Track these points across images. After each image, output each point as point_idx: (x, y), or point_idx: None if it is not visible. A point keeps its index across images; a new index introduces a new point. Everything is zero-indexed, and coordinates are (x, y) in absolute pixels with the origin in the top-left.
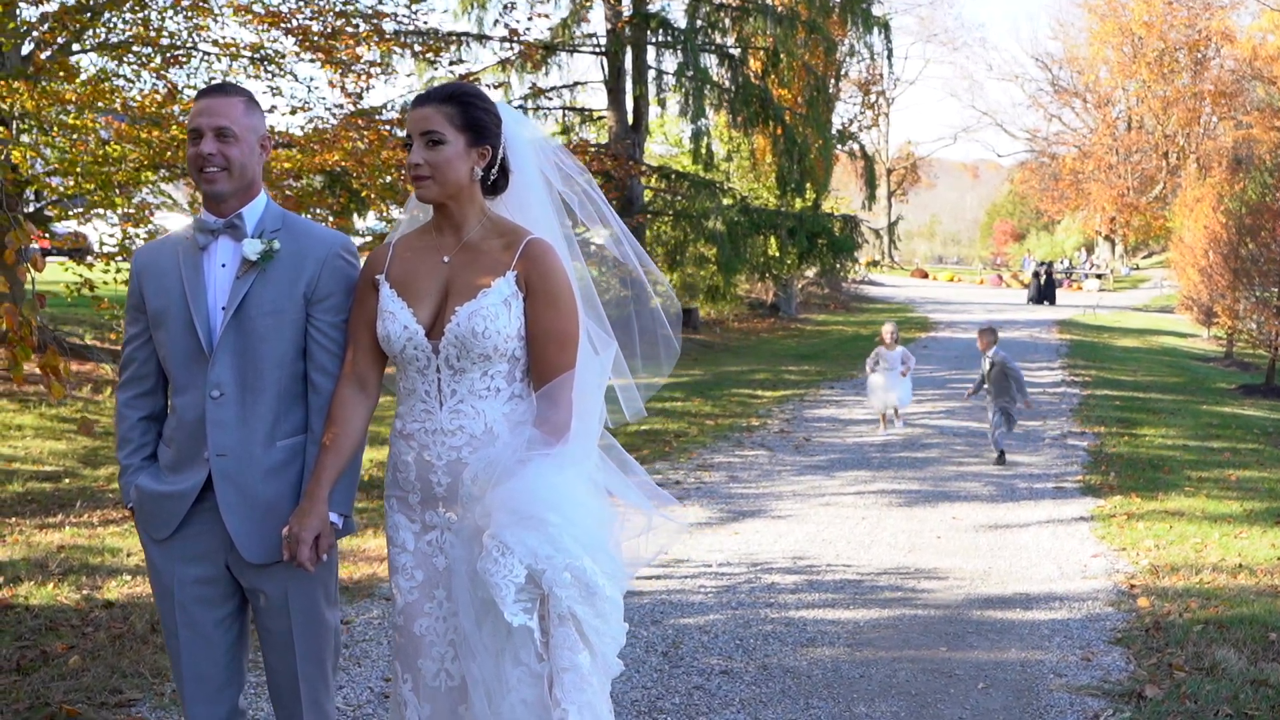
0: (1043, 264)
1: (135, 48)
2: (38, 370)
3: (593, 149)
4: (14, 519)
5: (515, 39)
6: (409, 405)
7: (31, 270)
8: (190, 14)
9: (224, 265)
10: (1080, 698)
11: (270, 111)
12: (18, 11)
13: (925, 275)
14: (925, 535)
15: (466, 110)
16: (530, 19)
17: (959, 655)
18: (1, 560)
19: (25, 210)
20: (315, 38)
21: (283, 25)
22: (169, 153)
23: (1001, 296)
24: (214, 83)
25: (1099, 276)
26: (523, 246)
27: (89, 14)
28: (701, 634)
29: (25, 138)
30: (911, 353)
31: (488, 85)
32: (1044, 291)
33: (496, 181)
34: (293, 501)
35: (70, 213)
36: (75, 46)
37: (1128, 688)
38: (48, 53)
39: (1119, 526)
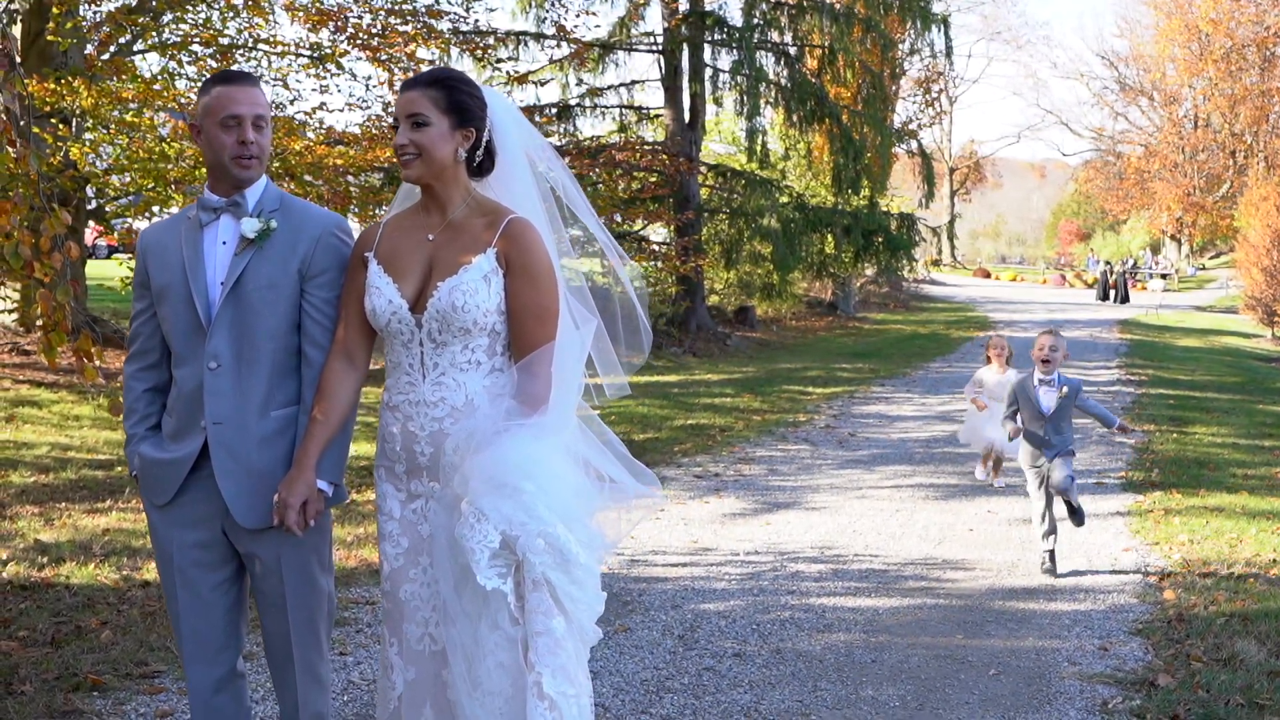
0: (1108, 263)
1: (193, 47)
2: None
3: (648, 146)
4: (64, 504)
5: (563, 35)
6: (395, 378)
7: (67, 257)
8: (247, 14)
9: (224, 243)
10: (1091, 685)
11: (320, 109)
12: (79, 10)
13: (988, 275)
14: (958, 528)
15: (451, 94)
16: (578, 17)
17: (975, 643)
18: (48, 542)
19: (88, 207)
20: (364, 35)
21: (333, 23)
22: None
23: (1063, 296)
24: (228, 69)
25: (1164, 276)
26: (504, 225)
27: (149, 15)
28: (719, 619)
29: (89, 135)
30: (973, 358)
31: (539, 83)
32: (1119, 290)
33: (482, 163)
34: (286, 469)
35: (128, 209)
36: (138, 46)
37: (1141, 676)
38: (108, 53)
39: (1155, 521)
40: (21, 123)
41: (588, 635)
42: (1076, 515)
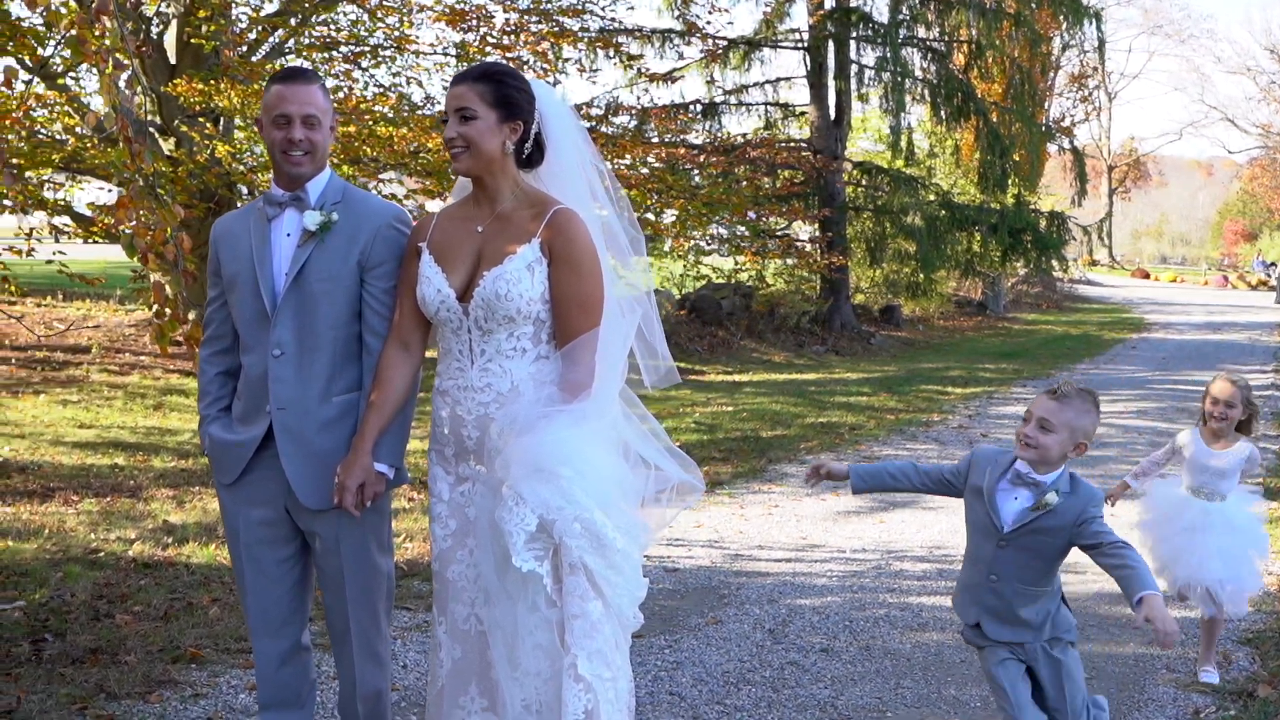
0: (1274, 264)
1: (341, 49)
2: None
3: (791, 143)
4: (198, 488)
5: (694, 31)
6: (445, 364)
7: (180, 248)
8: (394, 16)
9: (289, 235)
10: (1186, 694)
11: None
12: (228, 15)
13: (1147, 275)
14: None
15: (498, 87)
16: (711, 13)
17: None
18: (175, 523)
19: (238, 205)
20: (497, 35)
21: (464, 23)
22: (365, 147)
23: (1225, 298)
24: (289, 67)
25: None
26: (549, 215)
27: (298, 18)
28: (813, 614)
29: (240, 134)
30: (1123, 359)
31: (671, 78)
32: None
33: (531, 155)
34: (347, 452)
35: None
36: (288, 46)
37: (1241, 687)
38: (258, 55)
39: None
40: (152, 119)
41: (627, 620)
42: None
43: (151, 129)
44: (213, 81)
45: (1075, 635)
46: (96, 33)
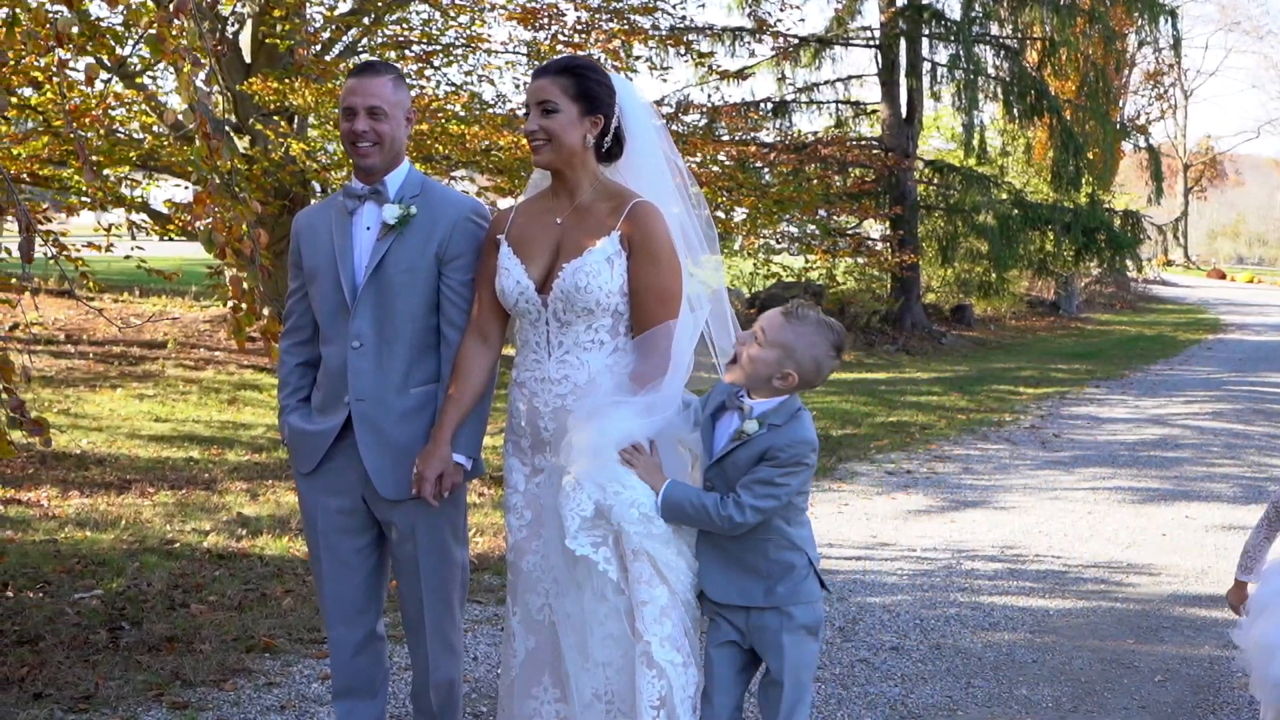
0: None
1: (415, 48)
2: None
3: (862, 141)
4: (271, 481)
5: (764, 29)
6: (523, 356)
7: (256, 243)
8: (466, 15)
9: (369, 228)
10: None
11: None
12: (303, 14)
13: (1223, 275)
14: (1150, 532)
15: (580, 81)
16: (782, 10)
17: (1145, 648)
18: (249, 515)
19: (313, 201)
20: (568, 33)
21: (536, 20)
22: (437, 145)
23: None
24: (364, 61)
25: None
26: (628, 209)
27: (372, 17)
28: (883, 612)
29: (314, 133)
30: (1198, 360)
31: (741, 75)
32: None
33: (611, 149)
34: (425, 443)
35: None
36: (362, 45)
37: None
38: (331, 53)
39: None
40: (227, 117)
41: (693, 607)
42: None
43: (227, 127)
44: (287, 80)
45: (816, 620)
46: (174, 31)
